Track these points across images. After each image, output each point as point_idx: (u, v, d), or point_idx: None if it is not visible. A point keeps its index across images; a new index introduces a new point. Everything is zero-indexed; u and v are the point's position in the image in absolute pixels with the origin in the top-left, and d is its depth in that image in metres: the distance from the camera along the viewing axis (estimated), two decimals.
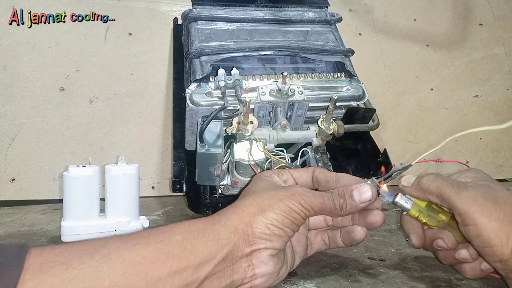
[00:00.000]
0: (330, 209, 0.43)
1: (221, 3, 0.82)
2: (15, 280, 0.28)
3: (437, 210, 0.46)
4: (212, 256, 0.36)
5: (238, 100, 0.64)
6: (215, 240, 0.36)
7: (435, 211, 0.46)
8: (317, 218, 0.49)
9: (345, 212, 0.43)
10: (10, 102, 0.92)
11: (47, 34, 0.95)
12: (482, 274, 0.44)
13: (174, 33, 0.97)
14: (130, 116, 0.98)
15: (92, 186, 0.59)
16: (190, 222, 0.38)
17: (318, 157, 0.66)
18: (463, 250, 0.44)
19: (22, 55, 0.93)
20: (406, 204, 0.46)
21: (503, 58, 1.21)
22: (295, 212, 0.40)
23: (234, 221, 0.38)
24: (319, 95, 0.70)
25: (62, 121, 0.94)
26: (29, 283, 0.28)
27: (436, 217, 0.46)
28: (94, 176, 0.59)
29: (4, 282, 0.27)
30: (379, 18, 1.16)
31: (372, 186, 0.44)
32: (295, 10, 0.85)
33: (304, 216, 0.41)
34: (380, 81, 1.13)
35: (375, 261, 0.52)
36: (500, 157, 1.17)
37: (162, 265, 0.33)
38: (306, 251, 0.47)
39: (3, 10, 0.93)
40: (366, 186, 0.44)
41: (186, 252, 0.35)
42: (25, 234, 0.67)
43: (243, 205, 0.40)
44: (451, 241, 0.45)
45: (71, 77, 0.96)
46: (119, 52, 0.99)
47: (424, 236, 0.47)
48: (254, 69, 0.74)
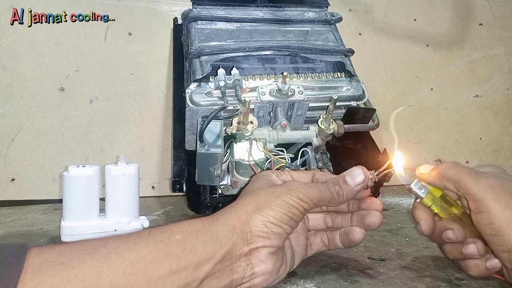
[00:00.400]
0: (329, 198, 0.43)
1: (221, 3, 0.82)
2: (15, 280, 0.28)
3: (450, 203, 0.46)
4: (211, 255, 0.36)
5: (238, 100, 0.64)
6: (214, 240, 0.36)
7: (449, 203, 0.46)
8: (316, 219, 0.49)
9: (343, 199, 0.44)
10: (10, 102, 0.92)
11: (47, 34, 0.95)
12: (486, 273, 0.44)
13: (174, 33, 0.97)
14: (130, 116, 0.98)
15: (92, 186, 0.59)
16: (189, 222, 0.38)
17: (318, 157, 0.66)
18: (471, 245, 0.44)
19: (22, 55, 0.93)
20: (421, 192, 0.46)
21: (503, 58, 1.21)
22: (293, 207, 0.40)
23: (233, 220, 0.38)
24: (319, 95, 0.70)
25: (62, 121, 0.94)
26: (29, 283, 0.28)
27: (448, 209, 0.45)
28: (94, 176, 0.59)
29: (4, 282, 0.27)
30: (379, 18, 1.16)
31: (362, 168, 0.45)
32: (295, 10, 0.85)
33: (303, 210, 0.41)
34: (380, 81, 1.13)
35: (375, 261, 0.52)
36: (500, 157, 1.17)
37: (161, 265, 0.33)
38: (305, 251, 0.47)
39: (3, 10, 0.93)
40: (357, 170, 0.45)
41: (185, 252, 0.35)
42: (25, 234, 0.67)
43: (241, 204, 0.40)
44: (461, 234, 0.44)
45: (71, 77, 0.96)
46: (119, 52, 0.99)
47: (434, 225, 0.47)
48: (254, 69, 0.74)
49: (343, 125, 0.66)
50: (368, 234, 0.47)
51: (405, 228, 0.68)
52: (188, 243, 0.35)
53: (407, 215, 0.77)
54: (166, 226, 0.37)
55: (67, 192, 0.59)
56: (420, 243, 0.60)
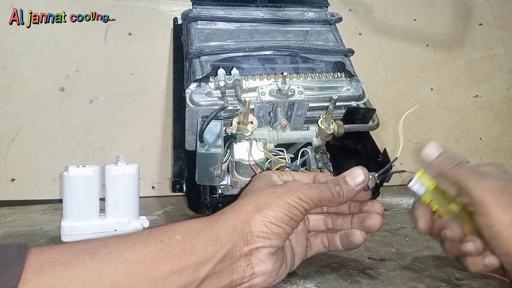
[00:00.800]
0: (329, 198, 0.43)
1: (221, 3, 0.83)
2: (16, 280, 0.28)
3: (449, 200, 0.46)
4: (212, 255, 0.36)
5: (238, 100, 0.64)
6: (214, 240, 0.36)
7: (447, 200, 0.46)
8: (317, 220, 0.50)
9: (343, 199, 0.43)
10: (10, 102, 0.92)
11: (47, 34, 0.95)
12: (484, 269, 0.44)
13: (174, 33, 0.97)
14: (130, 116, 0.98)
15: (92, 186, 0.59)
16: (189, 222, 0.38)
17: (318, 157, 0.66)
18: (469, 243, 0.43)
19: (22, 55, 0.93)
20: (419, 190, 0.46)
21: (503, 58, 1.21)
22: (294, 208, 0.40)
23: (233, 221, 0.38)
24: (319, 95, 0.70)
25: (62, 121, 0.94)
26: (29, 283, 0.28)
27: (447, 206, 0.45)
28: (94, 176, 0.59)
29: (5, 282, 0.27)
30: (379, 18, 1.16)
31: (363, 169, 0.45)
32: (295, 10, 0.85)
33: (303, 210, 0.41)
34: (380, 81, 1.13)
35: (375, 261, 0.52)
36: (500, 157, 1.17)
37: (162, 265, 0.33)
38: (305, 252, 0.47)
39: (3, 10, 0.93)
40: (357, 170, 0.44)
41: (186, 252, 0.35)
42: (25, 234, 0.67)
43: (242, 205, 0.40)
44: (458, 233, 0.44)
45: (71, 77, 0.96)
46: (119, 52, 0.99)
47: (431, 223, 0.47)
48: (254, 69, 0.74)
49: (343, 125, 0.66)
50: (368, 234, 0.47)
51: (405, 228, 0.68)
52: (188, 243, 0.35)
53: (407, 215, 0.77)
54: (166, 226, 0.37)
55: (67, 192, 0.59)
56: (420, 243, 0.60)
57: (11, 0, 0.93)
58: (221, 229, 0.38)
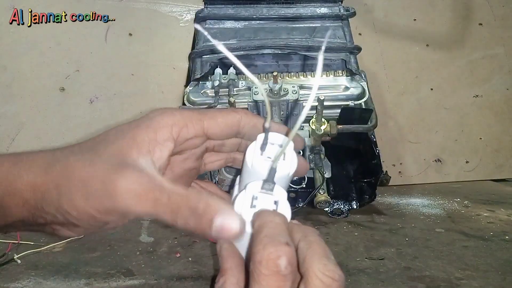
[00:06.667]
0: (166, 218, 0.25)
1: (232, 2, 0.83)
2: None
3: None
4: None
5: (228, 101, 0.65)
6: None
7: None
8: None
9: (182, 228, 0.26)
10: (10, 102, 0.92)
11: (47, 34, 0.95)
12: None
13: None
14: (130, 116, 0.98)
15: None
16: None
17: (311, 157, 0.67)
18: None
19: (22, 55, 0.93)
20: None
21: (503, 58, 1.21)
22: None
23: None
24: (316, 95, 0.70)
25: (62, 121, 0.94)
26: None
27: None
28: None
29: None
30: (379, 18, 1.16)
31: (241, 220, 0.24)
32: (307, 6, 0.84)
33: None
34: (380, 81, 1.13)
35: (375, 261, 0.52)
36: (500, 157, 1.17)
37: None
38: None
39: (3, 10, 0.93)
40: (233, 219, 0.24)
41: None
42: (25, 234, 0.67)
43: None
44: None
45: (71, 77, 0.96)
46: (119, 53, 0.99)
47: None
48: (267, 66, 0.75)
49: (336, 126, 0.66)
50: (368, 234, 0.48)
51: (405, 228, 0.68)
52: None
53: (407, 215, 0.77)
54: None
55: None
56: (420, 243, 0.60)
57: (12, 0, 0.93)
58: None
